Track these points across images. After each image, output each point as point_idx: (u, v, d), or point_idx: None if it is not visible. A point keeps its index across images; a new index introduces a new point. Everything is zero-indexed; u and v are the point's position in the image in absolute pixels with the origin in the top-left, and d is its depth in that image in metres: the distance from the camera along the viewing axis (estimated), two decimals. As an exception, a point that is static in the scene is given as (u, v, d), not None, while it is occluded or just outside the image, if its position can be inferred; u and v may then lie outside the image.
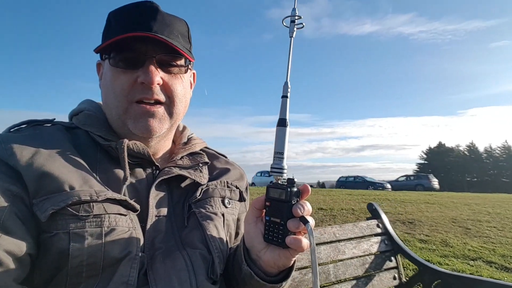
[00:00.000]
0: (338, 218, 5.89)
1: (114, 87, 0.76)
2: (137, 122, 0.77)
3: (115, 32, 0.75)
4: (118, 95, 0.76)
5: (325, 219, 5.74)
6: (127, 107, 0.76)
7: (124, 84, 0.75)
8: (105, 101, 0.82)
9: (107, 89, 0.78)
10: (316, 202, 8.03)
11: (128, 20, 0.76)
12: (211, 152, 1.04)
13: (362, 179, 26.96)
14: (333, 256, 1.60)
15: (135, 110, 0.76)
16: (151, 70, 0.75)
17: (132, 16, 0.76)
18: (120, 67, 0.76)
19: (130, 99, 0.76)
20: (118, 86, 0.76)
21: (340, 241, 1.68)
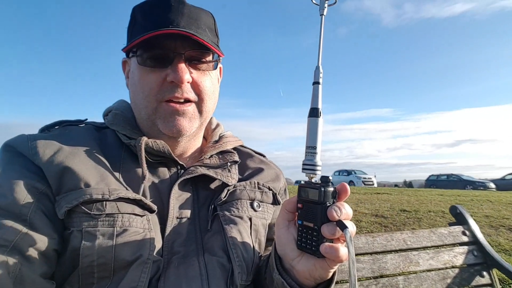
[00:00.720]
0: (424, 222, 5.24)
1: (143, 87, 0.74)
2: (167, 121, 0.75)
3: (142, 29, 0.73)
4: (147, 95, 0.74)
5: (408, 222, 5.17)
6: (156, 106, 0.75)
7: (153, 84, 0.73)
8: (133, 101, 0.81)
9: (135, 89, 0.77)
10: (398, 203, 7.33)
11: (154, 15, 0.74)
12: (246, 151, 0.98)
13: (458, 177, 23.83)
14: (403, 267, 1.38)
15: (165, 109, 0.74)
16: (180, 68, 0.72)
17: (158, 11, 0.74)
18: (148, 66, 0.74)
19: (160, 98, 0.74)
20: (146, 85, 0.74)
21: (413, 249, 1.45)
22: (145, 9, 0.76)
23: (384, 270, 1.34)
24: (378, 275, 1.33)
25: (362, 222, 5.05)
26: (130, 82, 0.80)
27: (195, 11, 0.77)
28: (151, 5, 0.75)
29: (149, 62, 0.74)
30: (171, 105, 0.74)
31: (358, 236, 1.38)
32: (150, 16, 0.74)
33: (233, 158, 0.88)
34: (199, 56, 0.77)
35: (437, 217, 5.65)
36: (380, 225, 4.95)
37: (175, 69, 0.72)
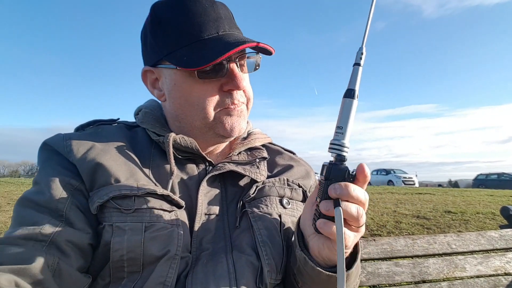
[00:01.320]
0: (471, 224, 4.88)
1: (198, 99, 0.73)
2: (227, 125, 0.76)
3: (183, 36, 0.71)
4: (203, 107, 0.73)
5: (454, 225, 4.84)
6: (215, 115, 0.75)
7: (209, 94, 0.73)
8: (182, 112, 0.77)
9: (185, 101, 0.75)
10: (442, 204, 6.90)
11: (193, 20, 0.71)
12: (275, 148, 0.95)
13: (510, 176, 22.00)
14: (447, 272, 1.28)
15: (224, 114, 0.75)
16: (238, 76, 0.72)
17: (193, 14, 0.71)
18: (202, 78, 0.71)
19: (218, 107, 0.74)
20: (202, 97, 0.73)
21: (458, 253, 1.34)
22: (176, 11, 0.72)
23: (426, 275, 1.26)
24: (419, 280, 1.24)
25: (402, 224, 4.81)
26: (172, 94, 0.76)
27: (223, 7, 0.76)
28: (182, 6, 0.72)
29: (202, 76, 0.71)
30: (230, 109, 0.75)
31: (397, 238, 1.30)
32: (188, 21, 0.71)
33: (262, 155, 0.86)
34: (244, 57, 0.78)
35: (486, 219, 5.24)
36: (422, 227, 4.69)
37: (233, 77, 0.72)
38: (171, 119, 0.82)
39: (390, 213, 5.68)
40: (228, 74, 0.73)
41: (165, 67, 0.75)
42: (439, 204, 6.80)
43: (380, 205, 6.59)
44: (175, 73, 0.74)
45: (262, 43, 0.72)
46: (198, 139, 0.78)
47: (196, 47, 0.70)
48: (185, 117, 0.77)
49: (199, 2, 0.72)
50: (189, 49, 0.70)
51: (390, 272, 1.23)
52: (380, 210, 5.90)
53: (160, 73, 0.78)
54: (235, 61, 0.73)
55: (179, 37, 0.71)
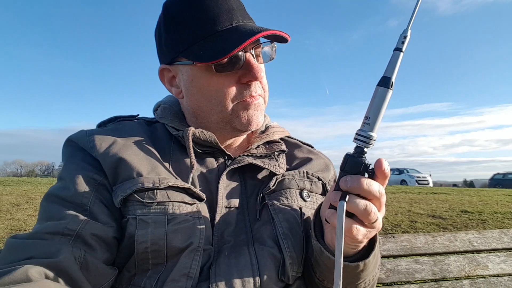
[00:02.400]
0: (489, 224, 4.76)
1: (216, 93, 0.73)
2: (245, 118, 0.75)
3: (197, 30, 0.71)
4: (221, 100, 0.73)
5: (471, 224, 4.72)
6: (232, 108, 0.74)
7: (227, 87, 0.73)
8: (198, 108, 0.77)
9: (202, 95, 0.75)
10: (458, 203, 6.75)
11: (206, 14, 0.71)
12: (293, 141, 0.95)
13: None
14: (469, 270, 1.25)
15: (242, 107, 0.75)
16: (256, 67, 0.72)
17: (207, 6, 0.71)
18: (219, 71, 0.71)
19: (236, 100, 0.74)
20: (219, 91, 0.73)
21: (480, 251, 1.31)
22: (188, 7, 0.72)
23: (447, 273, 1.23)
24: (440, 278, 1.22)
25: (417, 223, 4.73)
26: (190, 90, 0.76)
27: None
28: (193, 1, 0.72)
29: (219, 70, 0.71)
30: (247, 102, 0.74)
31: (416, 235, 1.28)
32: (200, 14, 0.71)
33: (280, 148, 0.86)
34: (259, 50, 0.77)
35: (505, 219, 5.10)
36: (438, 226, 4.60)
37: (251, 68, 0.72)
38: (189, 115, 0.82)
39: (405, 212, 5.59)
40: (245, 66, 0.72)
41: (181, 64, 0.75)
42: (455, 204, 6.67)
43: (394, 204, 6.49)
44: (192, 69, 0.74)
45: (277, 31, 0.71)
46: (216, 133, 0.78)
47: (212, 40, 0.70)
48: (202, 112, 0.77)
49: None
50: (204, 43, 0.71)
51: (410, 269, 1.20)
52: (394, 210, 5.82)
53: (177, 70, 0.78)
54: (250, 52, 0.73)
55: (193, 32, 0.72)
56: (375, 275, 0.71)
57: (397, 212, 5.54)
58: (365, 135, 0.54)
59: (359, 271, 0.64)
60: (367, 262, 0.63)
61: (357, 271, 0.64)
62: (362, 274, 0.65)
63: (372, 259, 0.65)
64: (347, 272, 0.62)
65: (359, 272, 0.64)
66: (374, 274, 0.71)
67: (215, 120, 0.77)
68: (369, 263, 0.64)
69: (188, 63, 0.73)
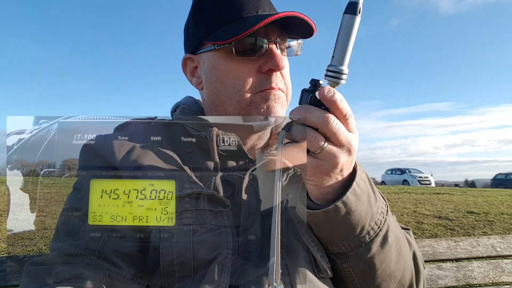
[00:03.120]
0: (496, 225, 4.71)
1: (234, 81, 0.71)
2: (263, 109, 0.71)
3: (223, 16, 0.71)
4: (239, 88, 0.71)
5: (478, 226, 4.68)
6: (251, 98, 0.71)
7: (247, 75, 0.70)
8: (216, 98, 0.76)
9: (221, 84, 0.73)
10: (463, 204, 6.71)
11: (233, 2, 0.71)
12: None
13: (531, 176, 21.31)
14: (493, 276, 1.21)
15: (261, 98, 0.71)
16: (277, 55, 0.69)
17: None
18: (240, 54, 0.70)
19: (254, 90, 0.71)
20: (239, 78, 0.71)
21: (504, 257, 1.27)
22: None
23: (470, 279, 1.19)
24: (464, 284, 1.18)
25: (424, 224, 4.69)
26: (209, 78, 0.75)
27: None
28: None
29: (240, 53, 0.70)
30: (267, 92, 0.71)
31: (439, 240, 1.24)
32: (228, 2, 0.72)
33: None
34: (285, 42, 0.75)
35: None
36: (445, 227, 4.56)
37: (272, 56, 0.69)
38: (207, 108, 0.80)
39: (410, 213, 5.55)
40: (267, 54, 0.70)
41: (204, 51, 0.75)
42: (460, 205, 6.62)
43: (399, 205, 6.45)
44: (213, 56, 0.73)
45: (302, 14, 0.68)
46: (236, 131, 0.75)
47: (234, 24, 0.70)
48: (220, 103, 0.75)
49: None
50: (227, 27, 0.70)
51: (433, 276, 1.17)
52: (399, 210, 5.78)
53: (199, 59, 0.77)
54: (275, 42, 0.71)
55: (218, 18, 0.71)
56: (379, 216, 0.62)
57: (402, 213, 5.51)
58: (335, 70, 0.53)
59: (344, 214, 0.58)
60: (346, 201, 0.58)
61: (341, 215, 0.58)
62: (351, 218, 0.59)
63: (353, 196, 0.59)
64: (331, 224, 0.60)
65: (345, 216, 0.59)
66: (375, 214, 0.62)
67: (233, 112, 0.74)
68: (351, 201, 0.58)
69: (210, 48, 0.73)
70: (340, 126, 0.55)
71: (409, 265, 0.68)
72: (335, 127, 0.54)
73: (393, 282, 0.66)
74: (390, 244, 0.63)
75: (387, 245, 0.62)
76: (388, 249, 0.63)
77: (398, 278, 0.66)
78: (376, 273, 0.64)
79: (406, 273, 0.68)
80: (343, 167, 0.58)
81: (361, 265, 0.63)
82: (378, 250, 0.62)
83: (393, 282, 0.66)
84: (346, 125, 0.56)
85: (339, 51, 0.53)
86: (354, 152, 0.58)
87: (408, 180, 21.73)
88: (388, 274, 0.65)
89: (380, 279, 0.65)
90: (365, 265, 0.63)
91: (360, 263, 0.63)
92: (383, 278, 0.65)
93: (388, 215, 0.65)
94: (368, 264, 0.63)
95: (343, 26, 0.53)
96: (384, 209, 0.64)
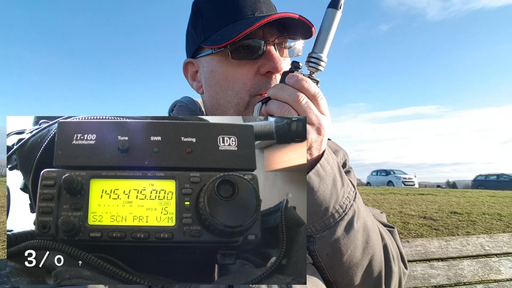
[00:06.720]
0: (479, 225, 4.85)
1: (233, 83, 0.70)
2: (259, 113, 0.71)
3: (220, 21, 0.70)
4: (238, 91, 0.70)
5: (461, 226, 4.80)
6: (249, 101, 0.71)
7: (245, 78, 0.70)
8: (216, 101, 0.75)
9: (220, 88, 0.72)
10: (447, 205, 6.88)
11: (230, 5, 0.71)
12: None
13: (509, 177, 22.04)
14: (482, 274, 1.24)
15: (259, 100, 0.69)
16: (276, 57, 0.69)
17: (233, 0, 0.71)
18: (236, 58, 0.69)
19: (253, 92, 0.70)
20: (237, 81, 0.70)
21: (492, 255, 1.30)
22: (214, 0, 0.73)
23: (461, 278, 1.22)
24: (454, 283, 1.21)
25: (409, 224, 4.78)
26: (209, 82, 0.75)
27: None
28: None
29: (237, 56, 0.69)
30: (264, 96, 0.70)
31: (430, 240, 1.26)
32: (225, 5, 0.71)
33: None
34: (285, 43, 0.74)
35: (493, 220, 5.22)
36: (430, 227, 4.66)
37: (270, 58, 0.69)
38: (209, 113, 0.79)
39: (396, 213, 5.65)
40: (265, 56, 0.69)
41: (203, 56, 0.75)
42: (443, 205, 6.79)
43: (385, 206, 6.56)
44: (212, 59, 0.73)
45: (298, 15, 0.67)
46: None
47: (231, 26, 0.69)
48: (220, 106, 0.74)
49: None
50: (223, 30, 0.70)
51: (425, 275, 1.19)
52: (386, 211, 5.87)
53: (199, 63, 0.77)
54: (273, 43, 0.70)
55: (215, 21, 0.71)
56: (345, 200, 0.62)
57: (389, 214, 5.60)
58: (315, 56, 0.59)
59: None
60: (308, 180, 0.58)
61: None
62: (314, 198, 0.59)
63: (316, 176, 0.59)
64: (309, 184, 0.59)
65: (307, 194, 0.59)
66: (341, 197, 0.61)
67: (233, 115, 0.73)
68: (314, 181, 0.59)
69: (209, 52, 0.72)
70: (310, 104, 0.57)
71: (378, 257, 0.66)
72: (305, 105, 0.57)
73: (359, 271, 0.65)
74: (356, 230, 0.62)
75: (352, 231, 0.62)
76: (354, 235, 0.62)
77: (365, 267, 0.65)
78: (342, 259, 0.62)
79: (374, 263, 0.66)
80: (312, 145, 0.59)
81: (327, 249, 0.62)
82: (343, 234, 0.61)
83: (360, 271, 0.65)
84: (317, 106, 0.59)
85: (320, 40, 0.60)
86: (323, 132, 0.59)
87: (392, 181, 22.12)
88: (354, 262, 0.63)
89: (346, 266, 0.63)
90: (330, 249, 0.62)
91: (326, 247, 0.62)
92: (348, 265, 0.63)
93: (356, 202, 0.64)
94: (333, 248, 0.62)
95: (326, 18, 0.60)
96: (351, 195, 0.64)
